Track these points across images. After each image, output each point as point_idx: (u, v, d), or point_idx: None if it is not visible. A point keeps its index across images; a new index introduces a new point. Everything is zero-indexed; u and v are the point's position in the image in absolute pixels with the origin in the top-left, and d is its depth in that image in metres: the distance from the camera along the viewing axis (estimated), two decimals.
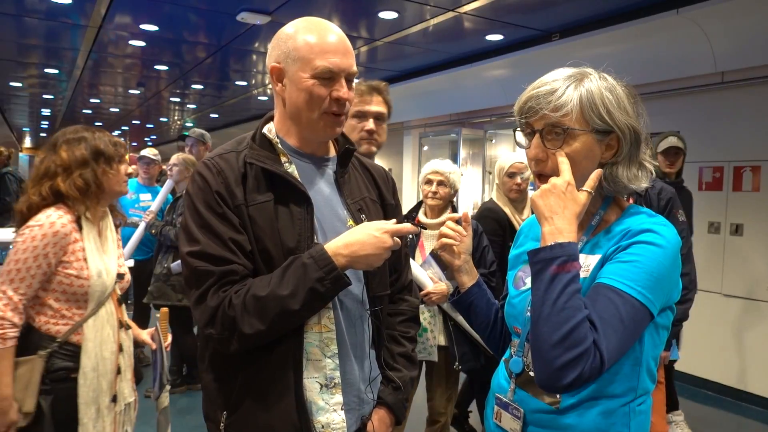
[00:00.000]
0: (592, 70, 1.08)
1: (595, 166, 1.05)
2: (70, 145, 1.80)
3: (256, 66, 6.89)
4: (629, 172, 1.07)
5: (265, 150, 1.23)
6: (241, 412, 1.19)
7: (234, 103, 9.92)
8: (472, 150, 7.09)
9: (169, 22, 5.05)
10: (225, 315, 1.12)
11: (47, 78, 8.07)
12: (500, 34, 5.06)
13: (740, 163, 4.25)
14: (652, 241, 1.00)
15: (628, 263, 0.99)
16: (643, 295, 0.97)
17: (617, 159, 1.06)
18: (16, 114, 13.24)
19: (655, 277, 0.98)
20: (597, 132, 1.03)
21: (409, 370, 1.39)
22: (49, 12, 4.79)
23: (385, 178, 1.44)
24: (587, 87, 1.03)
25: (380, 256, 1.15)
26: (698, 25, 4.03)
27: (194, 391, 4.04)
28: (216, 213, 1.15)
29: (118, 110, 11.59)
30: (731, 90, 4.31)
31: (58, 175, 1.76)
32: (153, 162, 4.52)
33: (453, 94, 6.63)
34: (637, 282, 0.97)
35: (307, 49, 1.18)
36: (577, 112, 1.02)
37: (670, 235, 1.01)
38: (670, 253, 1.00)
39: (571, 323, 0.92)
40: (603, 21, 4.51)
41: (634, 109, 1.06)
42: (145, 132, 16.50)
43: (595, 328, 0.94)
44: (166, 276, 3.75)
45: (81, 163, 1.78)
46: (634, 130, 1.05)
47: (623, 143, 1.05)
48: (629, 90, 1.08)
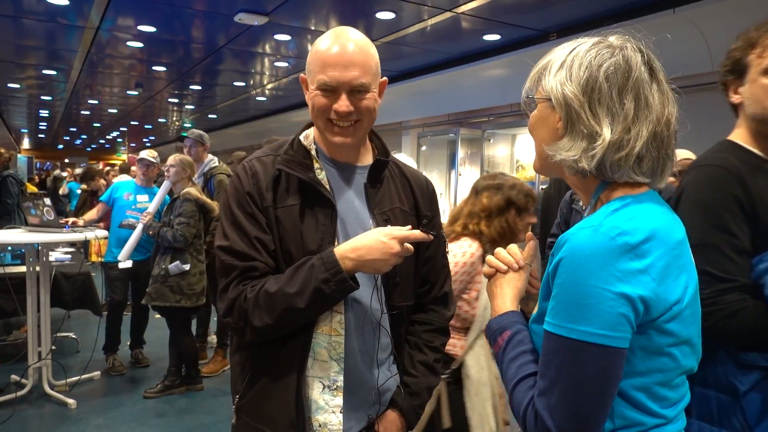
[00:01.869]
0: (626, 43, 0.93)
1: (552, 137, 0.94)
2: (489, 192, 2.08)
3: (254, 67, 6.89)
4: (575, 144, 0.90)
5: (299, 156, 1.28)
6: (249, 398, 1.27)
7: (232, 104, 9.93)
8: (471, 150, 7.09)
9: (167, 23, 5.05)
10: (240, 307, 1.19)
11: (45, 79, 8.06)
12: (498, 34, 5.08)
13: None
14: (566, 259, 0.84)
15: (554, 297, 0.86)
16: (569, 330, 0.82)
17: (564, 131, 0.92)
18: (15, 115, 13.23)
19: (579, 302, 0.82)
20: (548, 99, 0.94)
21: (427, 378, 1.39)
22: (46, 13, 4.79)
23: (425, 189, 1.43)
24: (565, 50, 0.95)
25: (387, 261, 1.17)
26: (695, 24, 4.04)
27: (193, 392, 4.05)
28: (246, 212, 1.22)
29: (116, 111, 11.59)
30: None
31: (481, 218, 2.05)
32: (152, 164, 4.52)
33: (451, 94, 6.64)
34: (563, 318, 0.83)
35: (314, 61, 1.24)
36: (535, 79, 0.98)
37: (584, 239, 0.83)
38: (592, 264, 0.81)
39: (511, 391, 0.93)
40: (600, 20, 4.52)
41: (593, 81, 0.89)
42: (144, 133, 16.49)
43: (539, 383, 0.86)
44: (164, 277, 3.75)
45: (499, 210, 2.05)
46: (565, 97, 0.90)
47: (557, 109, 0.92)
48: (627, 66, 0.90)
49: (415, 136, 7.55)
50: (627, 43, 0.93)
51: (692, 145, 4.55)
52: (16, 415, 3.56)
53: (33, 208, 3.96)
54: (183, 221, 3.71)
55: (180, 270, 3.73)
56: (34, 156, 23.50)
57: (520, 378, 0.90)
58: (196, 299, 3.82)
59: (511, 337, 0.96)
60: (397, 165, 1.40)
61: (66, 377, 4.05)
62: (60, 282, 4.26)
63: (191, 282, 3.78)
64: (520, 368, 0.91)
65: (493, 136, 6.59)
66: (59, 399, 3.77)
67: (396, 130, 8.04)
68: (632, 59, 0.91)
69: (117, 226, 4.35)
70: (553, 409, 0.82)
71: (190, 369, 4.08)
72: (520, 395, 0.88)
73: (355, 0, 4.29)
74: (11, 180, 6.06)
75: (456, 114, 7.08)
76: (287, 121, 10.43)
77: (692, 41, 4.15)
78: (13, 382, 4.01)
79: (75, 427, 3.48)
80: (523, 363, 0.92)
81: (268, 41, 5.53)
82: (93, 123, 14.32)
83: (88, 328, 5.56)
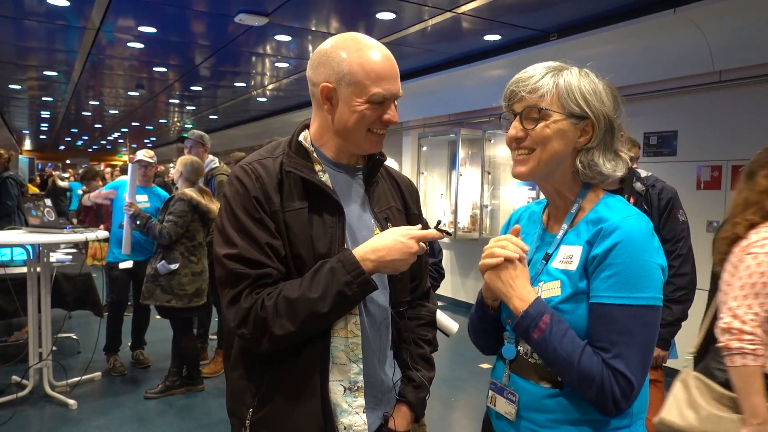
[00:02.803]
0: (574, 66, 1.15)
1: (569, 149, 1.11)
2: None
3: (254, 67, 6.90)
4: (605, 158, 1.11)
5: (300, 158, 1.27)
6: (267, 410, 1.23)
7: (233, 105, 9.93)
8: (471, 150, 7.09)
9: (168, 24, 5.06)
10: (257, 316, 1.16)
11: (47, 80, 8.07)
12: (498, 34, 5.08)
13: (738, 162, 4.25)
14: (624, 242, 1.03)
15: (613, 275, 1.03)
16: (637, 298, 1.02)
17: (592, 144, 1.11)
18: (16, 116, 13.24)
19: (642, 275, 1.02)
20: (572, 116, 1.09)
21: (428, 371, 1.44)
22: (47, 14, 4.79)
23: (411, 188, 1.49)
24: (566, 77, 1.11)
25: (406, 261, 1.20)
26: (695, 23, 4.03)
27: (194, 393, 4.05)
28: (253, 218, 1.19)
29: (117, 112, 11.60)
30: (729, 89, 4.32)
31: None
32: (150, 164, 4.53)
33: (451, 94, 6.64)
34: (629, 290, 1.02)
35: (363, 75, 1.21)
36: (553, 95, 1.09)
37: (635, 224, 1.05)
38: (642, 243, 1.04)
39: (576, 365, 1.01)
40: (600, 20, 4.52)
41: (611, 102, 1.12)
42: (145, 134, 16.51)
43: (607, 350, 1.02)
44: (155, 276, 3.77)
45: None
46: (608, 118, 1.10)
47: (597, 129, 1.10)
48: (610, 87, 1.14)
49: (416, 136, 7.55)
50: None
51: (693, 144, 4.55)
52: (17, 416, 3.56)
53: (34, 209, 3.96)
54: (171, 219, 3.75)
55: (167, 269, 3.74)
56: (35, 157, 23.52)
57: (581, 349, 1.03)
58: (188, 300, 3.79)
59: (551, 319, 1.05)
60: (384, 166, 1.43)
61: (67, 378, 4.05)
62: (61, 283, 4.27)
63: (182, 282, 3.77)
64: (574, 341, 1.04)
65: (493, 136, 6.59)
66: (60, 400, 3.78)
67: (396, 130, 8.04)
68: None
69: (117, 227, 4.36)
70: (630, 362, 1.00)
71: (191, 370, 4.08)
72: (589, 361, 1.02)
73: (356, 0, 4.29)
74: (11, 181, 6.05)
75: (456, 114, 7.08)
76: (288, 121, 10.43)
77: (693, 41, 4.14)
78: (14, 383, 4.02)
79: (76, 428, 3.48)
80: (573, 337, 1.04)
81: (269, 42, 5.53)
82: (94, 124, 14.34)
83: (89, 328, 5.57)
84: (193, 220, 3.85)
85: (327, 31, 5.08)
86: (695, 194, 4.46)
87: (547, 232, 1.21)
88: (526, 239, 1.24)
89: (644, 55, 4.46)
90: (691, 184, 4.50)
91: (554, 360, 1.04)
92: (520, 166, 1.14)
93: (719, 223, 4.40)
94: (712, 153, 4.43)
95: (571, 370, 1.01)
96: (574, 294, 1.07)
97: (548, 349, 1.04)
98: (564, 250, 1.12)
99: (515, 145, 1.15)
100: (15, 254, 4.39)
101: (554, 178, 1.15)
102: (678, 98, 4.63)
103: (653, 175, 2.74)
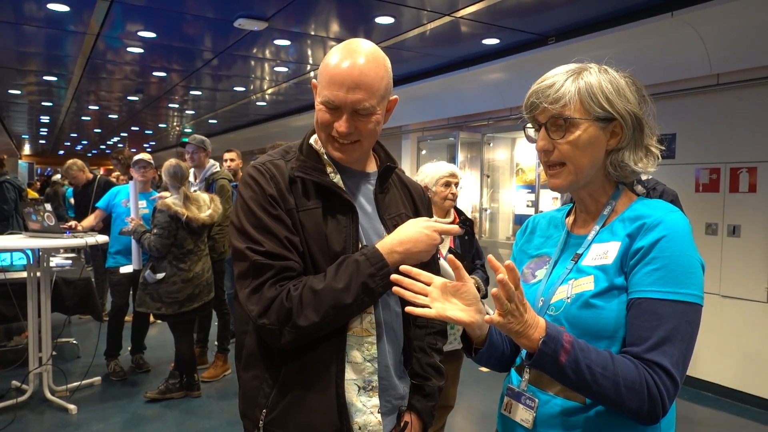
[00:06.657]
0: (593, 64, 1.12)
1: (602, 153, 1.09)
2: None
3: (254, 72, 6.91)
4: (635, 155, 1.09)
5: (311, 160, 1.27)
6: (281, 410, 1.22)
7: (232, 109, 9.95)
8: (470, 153, 7.11)
9: (167, 28, 5.07)
10: (282, 306, 1.15)
11: (46, 85, 8.09)
12: (497, 38, 5.09)
13: (737, 165, 4.27)
14: (670, 235, 1.01)
15: (660, 269, 1.00)
16: (685, 294, 0.99)
17: (622, 145, 1.09)
18: (16, 121, 13.25)
19: (688, 270, 1.00)
20: (599, 120, 1.07)
21: (437, 380, 1.43)
22: (47, 20, 4.81)
23: (422, 196, 1.50)
24: (586, 79, 1.08)
25: (429, 252, 1.24)
26: (693, 27, 4.05)
27: (192, 398, 4.04)
28: (271, 215, 1.20)
29: (116, 117, 11.61)
30: (727, 92, 4.34)
31: None
32: (149, 164, 4.52)
33: (450, 98, 6.66)
34: (676, 285, 0.99)
35: (322, 74, 1.22)
36: (575, 102, 1.06)
37: (679, 219, 1.04)
38: (687, 238, 1.02)
39: (616, 377, 0.95)
40: (598, 24, 4.54)
41: (635, 97, 1.09)
42: (144, 138, 16.52)
43: (651, 348, 0.97)
44: (144, 285, 3.78)
45: None
46: (635, 116, 1.08)
47: (626, 129, 1.08)
48: (632, 80, 1.12)
49: (415, 140, 7.57)
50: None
51: (691, 147, 4.57)
52: (17, 421, 3.56)
53: (33, 214, 3.96)
54: (156, 233, 3.72)
55: (153, 279, 3.74)
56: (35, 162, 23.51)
57: (612, 358, 0.98)
58: (179, 306, 3.77)
59: (571, 338, 0.99)
60: (396, 173, 1.44)
61: (67, 383, 4.04)
62: (61, 287, 4.27)
63: (170, 290, 3.75)
64: (601, 353, 0.98)
65: (492, 139, 6.60)
66: (60, 404, 3.77)
67: (396, 134, 8.06)
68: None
69: (117, 233, 4.36)
70: (672, 357, 0.97)
71: (188, 376, 4.07)
72: (626, 365, 0.97)
73: (355, 5, 4.30)
74: (7, 185, 6.04)
75: (455, 118, 7.09)
76: (287, 125, 10.44)
77: (691, 45, 4.16)
78: (13, 388, 4.02)
79: None
80: (597, 349, 0.99)
81: (268, 46, 5.55)
82: (94, 129, 14.34)
83: (89, 333, 5.57)
84: (179, 228, 3.76)
85: (326, 36, 5.09)
86: (693, 197, 4.47)
87: (573, 234, 1.18)
88: (548, 242, 1.23)
89: (642, 58, 4.48)
90: (689, 187, 4.51)
91: (591, 387, 0.96)
92: (555, 179, 1.11)
93: (717, 225, 4.44)
94: (711, 156, 4.44)
95: (612, 388, 0.95)
96: (609, 288, 1.03)
97: (578, 363, 0.95)
98: (597, 248, 1.09)
99: (545, 158, 1.12)
100: (15, 259, 4.38)
101: (589, 184, 1.13)
102: (676, 101, 4.64)
103: (654, 178, 2.75)
